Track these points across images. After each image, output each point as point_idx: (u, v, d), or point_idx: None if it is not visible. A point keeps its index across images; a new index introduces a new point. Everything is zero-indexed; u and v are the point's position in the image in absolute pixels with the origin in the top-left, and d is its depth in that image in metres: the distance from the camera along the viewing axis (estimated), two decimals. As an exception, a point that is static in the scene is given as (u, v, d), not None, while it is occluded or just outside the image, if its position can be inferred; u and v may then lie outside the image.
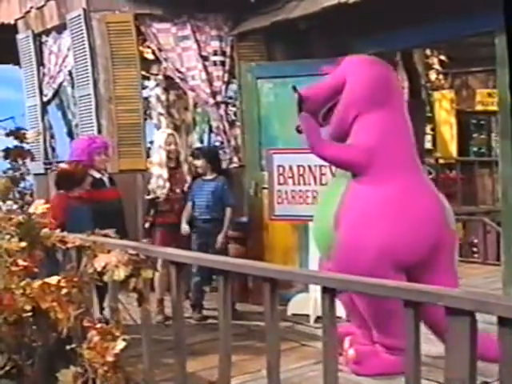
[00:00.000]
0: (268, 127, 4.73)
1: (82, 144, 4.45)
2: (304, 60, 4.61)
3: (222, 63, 5.31)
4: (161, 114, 7.13)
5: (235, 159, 5.29)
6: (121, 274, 2.50)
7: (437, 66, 8.13)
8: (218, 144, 5.56)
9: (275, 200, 4.37)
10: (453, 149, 8.49)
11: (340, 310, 4.09)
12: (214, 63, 5.30)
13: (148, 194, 4.52)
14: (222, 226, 4.39)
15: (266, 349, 2.19)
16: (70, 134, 6.74)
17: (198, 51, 5.30)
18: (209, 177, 4.48)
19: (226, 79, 5.32)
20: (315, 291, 4.29)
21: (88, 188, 4.07)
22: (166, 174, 4.41)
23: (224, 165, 5.26)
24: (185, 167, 4.56)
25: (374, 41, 4.36)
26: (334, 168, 4.20)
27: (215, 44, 5.30)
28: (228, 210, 4.41)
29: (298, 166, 4.29)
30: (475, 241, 6.88)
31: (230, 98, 5.49)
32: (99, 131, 5.36)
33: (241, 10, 5.01)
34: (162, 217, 4.47)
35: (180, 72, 5.39)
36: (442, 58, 8.09)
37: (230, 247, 5.01)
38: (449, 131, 8.51)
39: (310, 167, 4.27)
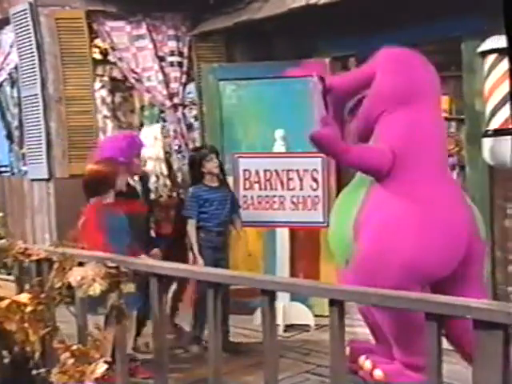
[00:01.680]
0: (231, 130, 4.56)
1: (121, 142, 3.59)
2: (268, 62, 4.48)
3: (180, 64, 5.07)
4: (106, 117, 6.80)
5: (194, 164, 5.05)
6: (96, 289, 2.25)
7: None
8: (175, 148, 5.30)
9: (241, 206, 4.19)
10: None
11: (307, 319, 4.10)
12: (171, 64, 5.05)
13: (146, 197, 3.77)
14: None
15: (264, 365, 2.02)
16: (10, 137, 6.28)
17: (154, 51, 5.03)
18: (216, 184, 3.80)
19: (183, 81, 5.08)
20: (284, 299, 4.17)
21: (124, 189, 3.34)
22: (165, 170, 3.95)
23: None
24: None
25: (338, 44, 4.27)
26: (301, 173, 4.13)
27: (172, 44, 5.05)
28: (238, 219, 3.92)
29: (265, 171, 4.14)
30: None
31: (191, 101, 5.25)
32: (48, 134, 4.99)
33: (200, 9, 4.80)
34: (155, 226, 3.82)
35: (135, 73, 5.10)
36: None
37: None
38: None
39: (277, 172, 4.13)
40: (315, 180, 4.08)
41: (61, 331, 2.42)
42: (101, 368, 2.03)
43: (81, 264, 2.48)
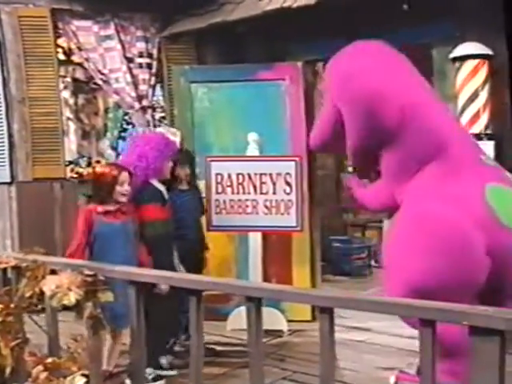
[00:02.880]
0: (203, 134, 4.45)
1: (159, 143, 3.29)
2: (241, 64, 4.41)
3: (149, 66, 4.96)
4: (69, 119, 6.61)
5: (164, 167, 4.93)
6: (71, 297, 2.12)
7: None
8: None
9: (213, 210, 4.09)
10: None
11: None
12: (140, 65, 4.94)
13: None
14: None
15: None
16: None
17: (123, 52, 4.91)
18: (185, 187, 3.69)
19: (152, 82, 4.97)
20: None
21: (123, 200, 3.02)
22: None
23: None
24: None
25: (311, 48, 4.27)
26: (274, 176, 4.07)
27: (141, 45, 4.93)
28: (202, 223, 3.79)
29: (238, 174, 4.04)
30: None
31: (165, 104, 5.13)
32: (10, 135, 4.78)
33: (170, 11, 4.70)
34: None
35: (102, 74, 4.95)
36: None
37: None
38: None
39: (249, 175, 4.04)
40: (288, 184, 4.02)
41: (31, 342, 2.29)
42: (79, 382, 1.91)
43: (53, 272, 2.35)
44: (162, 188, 3.37)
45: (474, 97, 3.42)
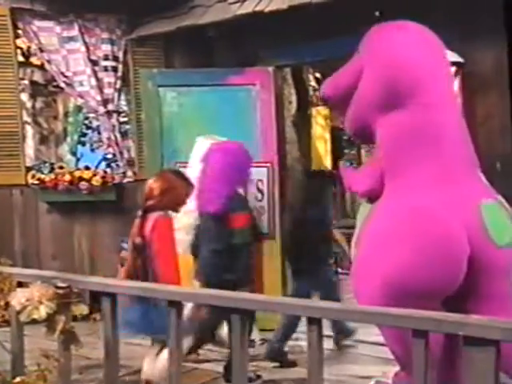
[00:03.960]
0: (171, 139, 4.34)
1: (246, 154, 3.25)
2: (211, 69, 4.34)
3: (114, 69, 4.81)
4: (27, 123, 6.38)
5: (129, 173, 4.81)
6: (42, 311, 2.01)
7: (313, 83, 8.30)
8: (109, 156, 5.03)
9: (183, 217, 4.00)
10: (327, 163, 8.73)
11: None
12: (105, 68, 4.79)
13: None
14: None
15: None
16: None
17: (87, 54, 4.75)
18: None
19: (118, 86, 4.82)
20: (226, 313, 4.03)
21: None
22: None
23: (117, 179, 4.79)
24: None
25: (282, 53, 4.23)
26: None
27: (106, 48, 4.78)
28: None
29: (209, 181, 3.98)
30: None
31: (131, 108, 4.99)
32: (-34, 140, 4.56)
33: (137, 12, 4.59)
34: None
35: (65, 76, 4.78)
36: (317, 75, 8.28)
37: (123, 270, 4.55)
38: (323, 146, 8.75)
39: (221, 182, 3.98)
40: (260, 190, 4.00)
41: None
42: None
43: (20, 284, 2.22)
44: (242, 193, 3.43)
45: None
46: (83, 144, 7.14)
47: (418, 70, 2.42)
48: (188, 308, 2.85)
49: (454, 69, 3.43)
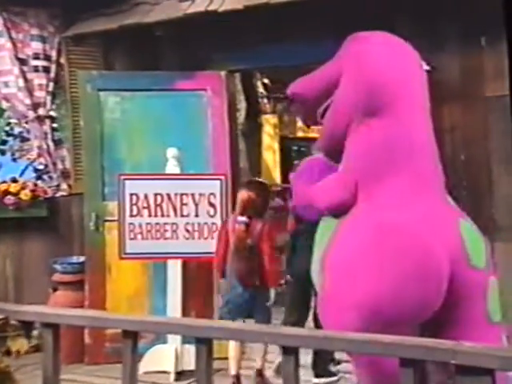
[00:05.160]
0: (113, 148, 4.31)
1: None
2: (158, 72, 4.34)
3: (46, 69, 4.73)
4: None
5: (64, 186, 4.72)
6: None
7: (261, 89, 8.43)
8: (40, 167, 4.90)
9: (127, 235, 3.97)
10: (276, 175, 8.85)
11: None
12: (35, 69, 4.70)
13: None
14: None
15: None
16: None
17: (14, 52, 4.65)
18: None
19: (50, 89, 4.74)
20: (175, 341, 4.00)
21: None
22: None
23: (50, 193, 4.69)
24: None
25: (236, 56, 4.29)
26: (197, 197, 4.03)
27: (37, 45, 4.70)
28: None
29: (156, 195, 3.98)
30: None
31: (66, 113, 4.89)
32: None
33: (73, 7, 4.53)
34: None
35: (-12, 76, 4.66)
36: (266, 81, 8.42)
37: (58, 294, 4.45)
38: (272, 157, 8.87)
39: (169, 196, 3.99)
40: (212, 205, 4.01)
41: None
42: None
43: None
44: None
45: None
46: (3, 153, 6.93)
47: (398, 83, 2.52)
48: None
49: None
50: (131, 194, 3.94)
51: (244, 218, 3.59)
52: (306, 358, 3.60)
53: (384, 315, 2.22)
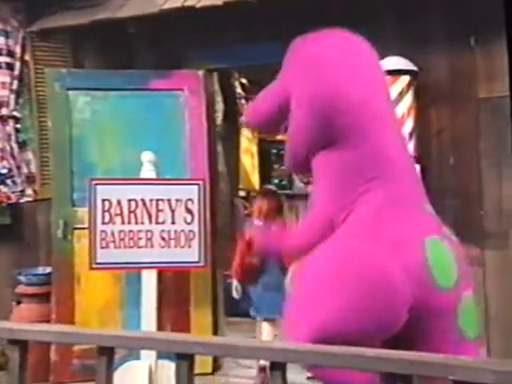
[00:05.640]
0: (83, 151, 4.23)
1: None
2: (132, 71, 4.27)
3: (9, 66, 4.61)
4: None
5: (29, 191, 4.62)
6: None
7: (239, 90, 8.39)
8: (3, 171, 4.77)
9: (98, 244, 3.88)
10: (255, 180, 8.80)
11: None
12: (-2, 65, 4.59)
13: None
14: None
15: None
16: None
17: (-26, 47, 4.54)
18: None
19: (14, 87, 4.63)
20: (150, 357, 3.92)
21: None
22: None
23: (13, 198, 4.57)
24: None
25: (214, 55, 4.25)
26: (173, 203, 3.97)
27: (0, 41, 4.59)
28: None
29: (129, 201, 3.89)
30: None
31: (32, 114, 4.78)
32: None
33: (39, 0, 4.45)
34: None
35: None
36: (244, 81, 8.38)
37: (22, 307, 4.35)
38: (250, 161, 8.82)
39: (143, 202, 3.91)
40: (190, 211, 3.94)
41: None
42: None
43: None
44: None
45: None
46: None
47: (356, 92, 2.39)
48: None
49: (407, 78, 3.61)
50: (103, 200, 3.85)
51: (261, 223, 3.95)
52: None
53: (333, 338, 2.15)
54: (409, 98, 3.59)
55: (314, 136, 2.41)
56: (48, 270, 4.35)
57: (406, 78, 3.59)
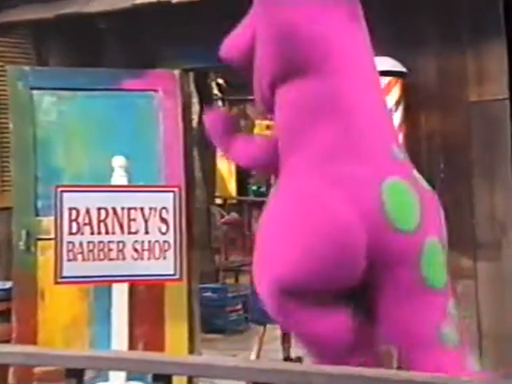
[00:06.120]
0: (48, 155, 4.13)
1: None
2: (102, 69, 4.21)
3: (-33, 64, 4.51)
4: None
5: (-13, 199, 4.51)
6: None
7: (215, 91, 8.38)
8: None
9: (64, 256, 3.78)
10: (232, 186, 8.79)
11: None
12: (-46, 62, 4.48)
13: None
14: None
15: None
16: None
17: None
18: None
19: (-28, 86, 4.52)
20: (119, 378, 3.82)
21: None
22: None
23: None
24: None
25: (191, 53, 4.19)
26: (147, 211, 3.90)
27: (-45, 36, 4.48)
28: None
29: (99, 209, 3.80)
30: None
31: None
32: None
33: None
34: None
35: None
36: (220, 81, 8.36)
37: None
38: (227, 167, 8.80)
39: (114, 210, 3.82)
40: (165, 221, 3.87)
41: None
42: None
43: None
44: None
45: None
46: None
47: (320, 26, 2.37)
48: None
49: (387, 80, 3.58)
50: (70, 209, 3.75)
51: None
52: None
53: (293, 285, 2.30)
54: (394, 97, 3.59)
55: (277, 62, 2.40)
56: (8, 284, 4.25)
57: (393, 80, 3.58)
